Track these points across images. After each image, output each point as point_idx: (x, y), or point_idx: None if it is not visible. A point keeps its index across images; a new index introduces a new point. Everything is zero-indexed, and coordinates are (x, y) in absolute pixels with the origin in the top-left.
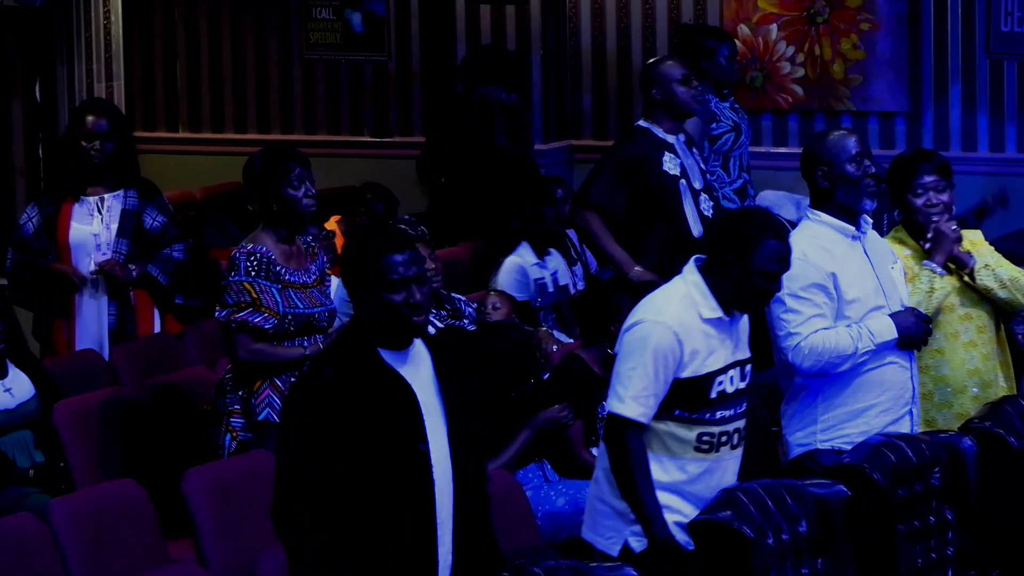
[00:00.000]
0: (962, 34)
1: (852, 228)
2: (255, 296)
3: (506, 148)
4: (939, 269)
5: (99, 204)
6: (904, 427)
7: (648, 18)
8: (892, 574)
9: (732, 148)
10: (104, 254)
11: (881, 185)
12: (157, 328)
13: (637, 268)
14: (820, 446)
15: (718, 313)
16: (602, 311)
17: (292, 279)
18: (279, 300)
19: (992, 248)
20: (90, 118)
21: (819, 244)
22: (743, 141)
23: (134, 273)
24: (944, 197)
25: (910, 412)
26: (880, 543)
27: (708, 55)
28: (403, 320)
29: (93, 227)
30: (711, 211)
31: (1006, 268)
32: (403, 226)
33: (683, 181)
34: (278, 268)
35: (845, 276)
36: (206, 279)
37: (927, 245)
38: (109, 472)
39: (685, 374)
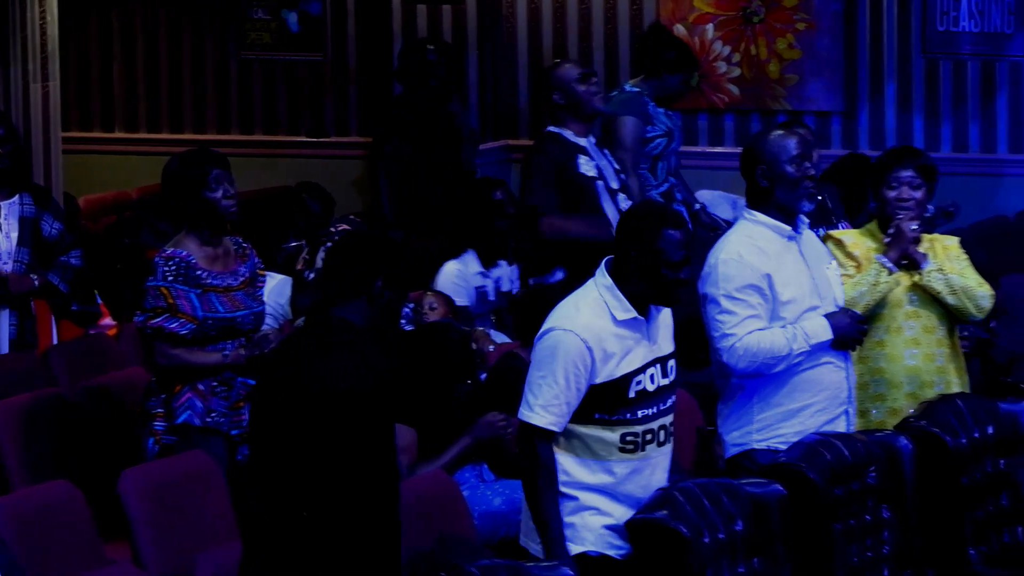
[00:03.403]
0: (898, 33)
1: (788, 228)
2: (171, 302)
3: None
4: (889, 264)
5: None
6: (840, 427)
7: (584, 18)
8: (828, 573)
9: (662, 153)
10: (5, 264)
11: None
12: (55, 337)
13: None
14: (756, 446)
15: (632, 313)
16: (538, 311)
17: (214, 283)
18: (197, 305)
19: (966, 256)
20: None
21: (754, 244)
22: (674, 147)
23: (36, 283)
24: (917, 194)
25: (846, 412)
26: (816, 542)
27: (670, 69)
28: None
29: None
30: None
31: (965, 277)
32: (345, 226)
33: (600, 182)
34: (198, 272)
35: (780, 277)
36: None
37: (887, 240)
38: (44, 473)
39: (600, 380)
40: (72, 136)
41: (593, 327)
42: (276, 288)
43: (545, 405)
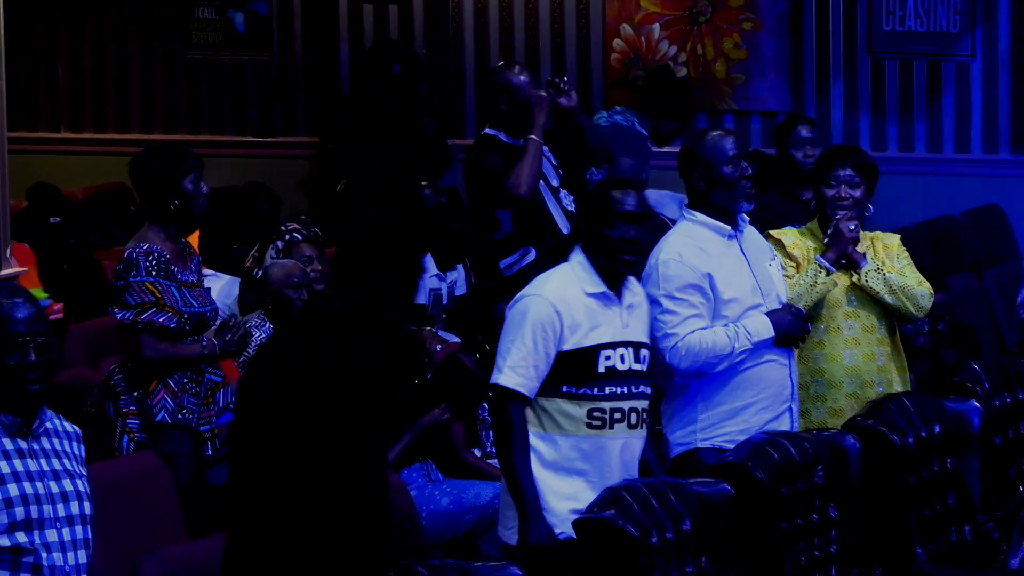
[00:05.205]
0: (844, 33)
1: (728, 227)
2: (158, 295)
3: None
4: (828, 265)
5: None
6: (784, 424)
7: (531, 17)
8: (776, 572)
9: None
10: None
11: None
12: None
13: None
14: (700, 445)
15: (601, 287)
16: (476, 320)
17: (184, 278)
18: (178, 299)
19: (906, 254)
20: None
21: (694, 244)
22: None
23: None
24: (856, 193)
25: (789, 409)
26: (764, 541)
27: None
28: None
29: None
30: (572, 206)
31: (904, 276)
32: (296, 225)
33: (542, 182)
34: (172, 267)
35: (721, 276)
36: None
37: (826, 240)
38: None
39: (567, 347)
40: (18, 136)
41: (561, 293)
42: (223, 289)
43: (512, 366)
